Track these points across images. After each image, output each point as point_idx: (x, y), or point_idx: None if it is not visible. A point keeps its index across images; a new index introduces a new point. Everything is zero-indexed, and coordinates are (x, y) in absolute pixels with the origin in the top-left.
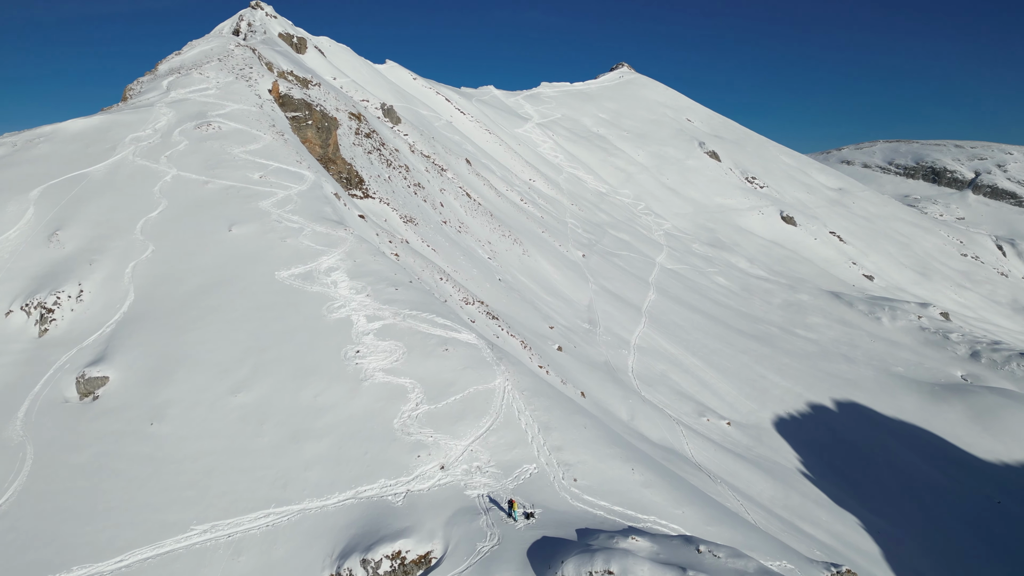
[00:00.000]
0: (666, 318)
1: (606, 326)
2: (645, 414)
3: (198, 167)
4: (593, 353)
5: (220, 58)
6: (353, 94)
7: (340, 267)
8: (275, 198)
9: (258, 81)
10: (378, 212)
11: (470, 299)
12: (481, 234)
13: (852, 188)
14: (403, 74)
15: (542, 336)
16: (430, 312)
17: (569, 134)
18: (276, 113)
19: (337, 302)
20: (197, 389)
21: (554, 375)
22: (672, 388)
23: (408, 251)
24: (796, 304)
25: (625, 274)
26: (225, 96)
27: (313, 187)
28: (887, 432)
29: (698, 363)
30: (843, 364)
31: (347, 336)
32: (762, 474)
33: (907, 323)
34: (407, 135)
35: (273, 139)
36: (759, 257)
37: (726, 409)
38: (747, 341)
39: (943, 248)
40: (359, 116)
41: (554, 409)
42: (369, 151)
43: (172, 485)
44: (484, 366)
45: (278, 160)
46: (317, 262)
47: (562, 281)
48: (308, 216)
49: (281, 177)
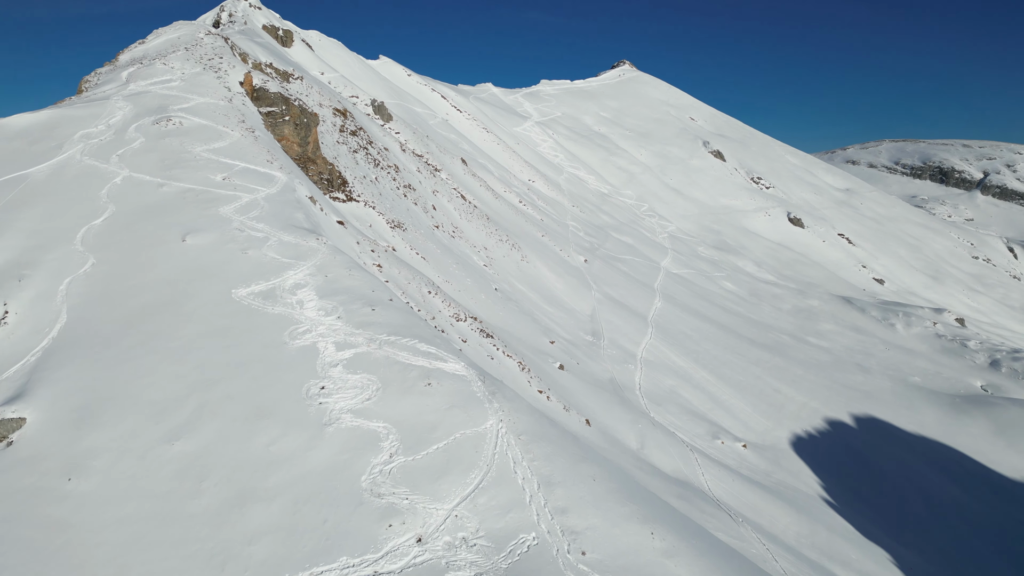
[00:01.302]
0: (674, 327)
1: (611, 338)
2: (656, 441)
3: (153, 167)
4: (598, 370)
5: (187, 47)
6: (342, 90)
7: (308, 283)
8: (239, 203)
9: (228, 73)
10: (362, 217)
11: (462, 315)
12: (476, 239)
13: (859, 188)
14: (397, 70)
15: (542, 353)
16: (412, 336)
17: (570, 133)
18: (247, 108)
19: (302, 326)
20: (128, 434)
21: (556, 401)
22: (683, 406)
23: (394, 261)
24: (807, 310)
25: (629, 280)
26: (190, 89)
27: (284, 190)
28: (909, 449)
29: (709, 377)
30: (858, 374)
31: (311, 368)
32: (784, 506)
33: (922, 330)
34: (398, 133)
35: (241, 136)
36: (767, 260)
37: (740, 428)
38: (758, 351)
39: (954, 251)
40: (345, 112)
41: (557, 457)
42: (355, 150)
43: (85, 561)
44: (474, 404)
45: (245, 160)
46: (282, 278)
47: (563, 289)
48: (275, 223)
49: (248, 179)
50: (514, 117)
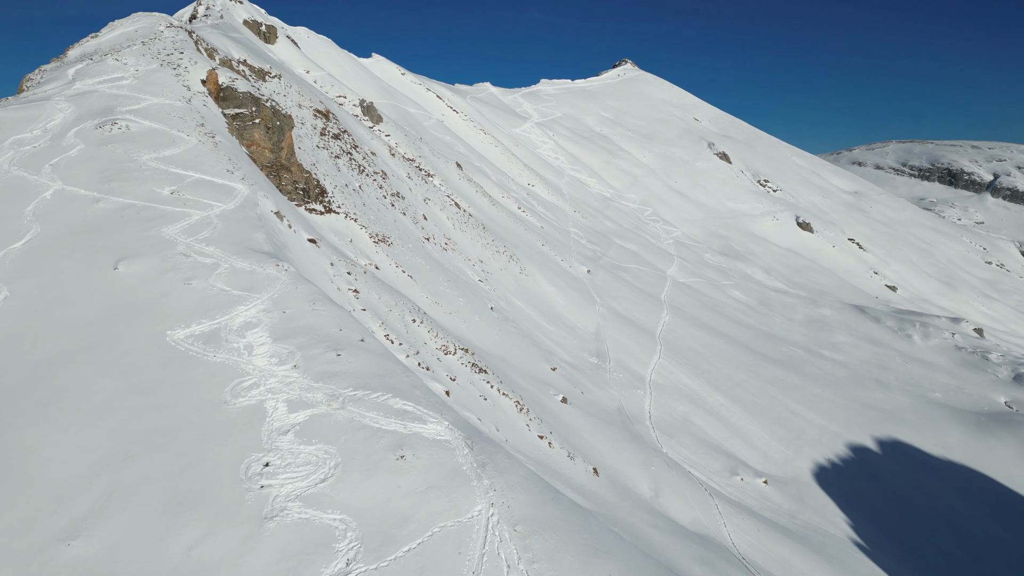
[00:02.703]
0: (683, 344)
1: (617, 359)
2: (672, 486)
3: (90, 179)
4: (604, 398)
5: (145, 41)
6: (328, 89)
7: (262, 322)
8: (187, 221)
9: (189, 70)
10: (342, 231)
11: (451, 346)
12: (471, 251)
13: (868, 191)
14: (390, 68)
15: (543, 383)
16: (385, 390)
17: (570, 134)
18: (209, 109)
19: (248, 378)
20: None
21: (559, 446)
22: (697, 437)
23: (374, 284)
24: (819, 320)
25: (635, 291)
26: (143, 87)
27: (244, 205)
28: (936, 476)
29: (722, 400)
30: (877, 391)
31: (255, 437)
32: (815, 556)
33: (940, 341)
34: (388, 136)
35: (199, 142)
36: (776, 267)
37: (759, 459)
38: (773, 368)
39: (966, 255)
40: (327, 114)
41: (563, 553)
42: (337, 155)
43: None
44: (458, 482)
45: (200, 169)
46: (230, 315)
47: (565, 304)
48: (229, 246)
49: (201, 192)
50: (513, 118)
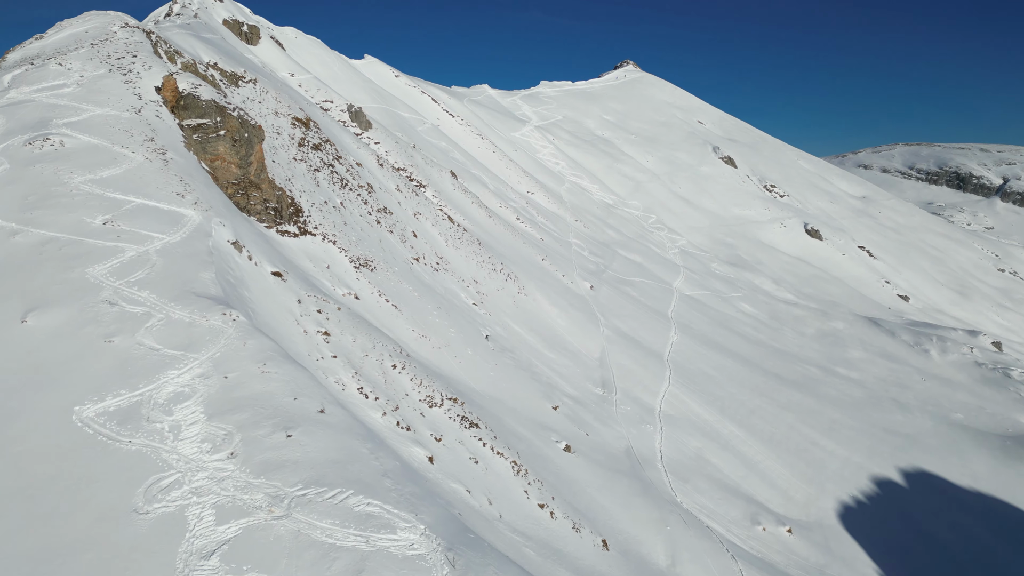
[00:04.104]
0: (693, 366)
1: (624, 388)
2: (691, 550)
3: (10, 207)
4: (611, 438)
5: (95, 43)
6: (314, 94)
7: (197, 391)
8: (119, 259)
9: (142, 75)
10: (318, 255)
11: (436, 396)
12: (465, 271)
13: (876, 196)
14: (383, 70)
15: (543, 427)
16: (345, 485)
17: (571, 138)
18: (162, 121)
19: (169, 474)
20: None
21: (562, 516)
22: (712, 479)
23: (349, 322)
24: (832, 335)
25: (640, 308)
26: (86, 96)
27: (193, 235)
28: (966, 510)
29: (738, 431)
30: (897, 413)
31: (167, 564)
32: None
33: (959, 357)
34: (378, 143)
35: (145, 159)
36: (785, 277)
37: (780, 501)
38: (788, 391)
39: (979, 263)
40: (307, 122)
41: None
42: (317, 168)
43: None
44: None
45: (144, 193)
46: (156, 383)
47: (567, 327)
48: (167, 290)
49: (141, 221)
50: (512, 121)
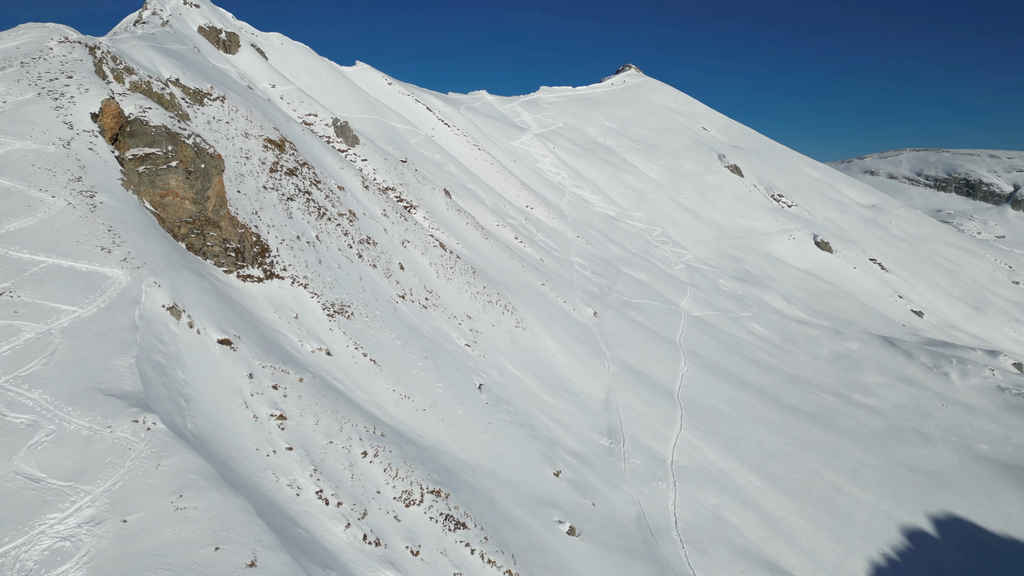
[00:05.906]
0: (705, 403)
1: (632, 436)
2: None
3: None
4: (619, 504)
5: (25, 62)
6: (297, 107)
7: (81, 547)
8: (11, 344)
9: (76, 100)
10: (285, 303)
11: (415, 490)
12: (458, 305)
13: (885, 204)
14: (375, 78)
15: (543, 503)
16: None
17: (572, 146)
18: (96, 154)
19: None
20: None
21: None
22: (733, 545)
23: (311, 397)
24: (847, 356)
25: (647, 335)
26: (6, 127)
27: (114, 305)
28: (1003, 561)
29: (756, 481)
30: (920, 446)
31: None
32: None
33: (980, 380)
34: (365, 160)
35: (68, 205)
36: (795, 293)
37: (807, 567)
38: (806, 427)
39: (992, 275)
40: (282, 143)
41: None
42: (290, 196)
43: None
44: None
45: (59, 250)
46: (28, 535)
47: (569, 363)
48: (67, 386)
49: (50, 288)
50: (511, 129)
